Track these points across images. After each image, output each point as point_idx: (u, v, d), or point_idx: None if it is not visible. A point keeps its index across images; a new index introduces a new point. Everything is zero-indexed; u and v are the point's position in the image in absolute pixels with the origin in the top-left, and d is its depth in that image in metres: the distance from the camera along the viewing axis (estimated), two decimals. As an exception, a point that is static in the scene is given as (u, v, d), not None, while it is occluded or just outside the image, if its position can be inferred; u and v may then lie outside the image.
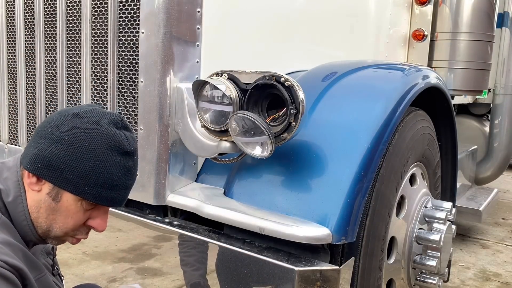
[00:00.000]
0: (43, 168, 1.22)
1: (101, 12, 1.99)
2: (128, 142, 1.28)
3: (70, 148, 1.20)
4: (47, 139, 1.22)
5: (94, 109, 1.28)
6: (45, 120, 1.29)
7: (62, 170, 1.21)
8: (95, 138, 1.22)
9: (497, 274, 3.74)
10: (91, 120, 1.23)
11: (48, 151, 1.21)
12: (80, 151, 1.21)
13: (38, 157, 1.21)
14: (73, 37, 2.12)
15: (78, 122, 1.22)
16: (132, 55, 1.92)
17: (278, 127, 1.65)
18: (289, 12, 2.44)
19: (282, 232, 1.62)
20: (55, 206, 1.26)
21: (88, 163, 1.21)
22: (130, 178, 1.31)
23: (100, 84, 2.04)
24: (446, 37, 3.45)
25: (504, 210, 5.54)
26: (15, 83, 2.41)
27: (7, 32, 2.42)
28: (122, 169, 1.27)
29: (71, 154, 1.20)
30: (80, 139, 1.21)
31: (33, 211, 1.28)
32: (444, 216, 2.24)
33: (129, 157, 1.29)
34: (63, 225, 1.28)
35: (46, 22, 2.23)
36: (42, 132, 1.24)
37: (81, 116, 1.24)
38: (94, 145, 1.22)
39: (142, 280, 2.02)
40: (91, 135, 1.22)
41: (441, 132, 2.70)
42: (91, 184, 1.23)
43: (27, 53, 2.35)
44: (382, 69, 2.33)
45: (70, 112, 1.25)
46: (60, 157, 1.20)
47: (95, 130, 1.23)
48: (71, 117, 1.23)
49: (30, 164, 1.23)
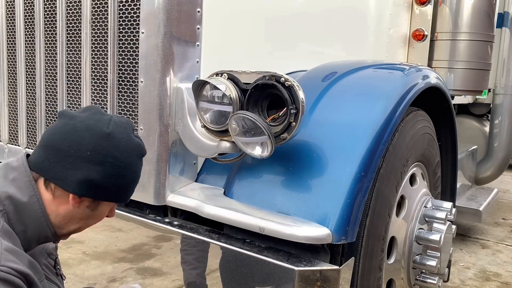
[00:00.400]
0: (91, 190, 1.32)
1: (101, 12, 1.99)
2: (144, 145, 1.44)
3: (114, 169, 1.32)
4: (90, 163, 1.29)
5: (113, 121, 1.35)
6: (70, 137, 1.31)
7: (108, 188, 1.33)
8: (130, 154, 1.36)
9: (497, 274, 3.74)
10: (123, 138, 1.35)
11: (95, 175, 1.30)
12: (122, 169, 1.34)
13: (86, 181, 1.30)
14: (73, 37, 2.12)
15: (114, 143, 1.32)
16: (132, 55, 1.92)
17: (278, 127, 1.65)
18: (289, 12, 2.45)
19: (282, 232, 1.62)
20: (91, 214, 1.38)
21: (129, 177, 1.37)
22: None
23: (100, 84, 2.04)
24: (446, 37, 3.45)
25: (504, 210, 5.54)
26: (15, 83, 2.42)
27: (7, 32, 2.42)
28: (141, 168, 1.43)
29: (116, 173, 1.32)
30: (119, 159, 1.33)
31: (64, 220, 1.36)
32: (444, 216, 2.24)
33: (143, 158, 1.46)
34: (87, 226, 1.42)
35: (46, 22, 2.23)
36: (79, 155, 1.29)
37: (113, 135, 1.33)
38: (131, 160, 1.36)
39: (142, 280, 2.02)
40: (129, 152, 1.35)
41: (441, 132, 2.70)
42: (127, 191, 1.41)
43: (27, 53, 2.35)
44: (382, 69, 2.33)
45: (102, 132, 1.31)
46: (106, 178, 1.31)
47: (128, 146, 1.35)
48: (105, 138, 1.31)
49: (79, 188, 1.31)
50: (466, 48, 3.43)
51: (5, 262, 1.16)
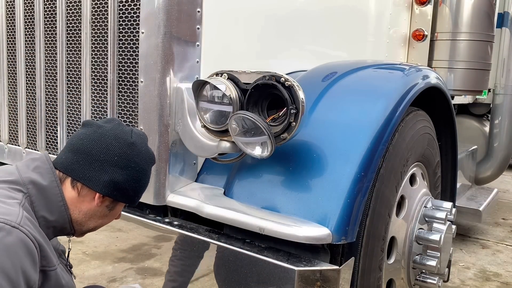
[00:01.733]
0: (114, 190, 1.49)
1: (101, 12, 1.99)
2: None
3: (134, 173, 1.51)
4: (116, 167, 1.48)
5: (134, 132, 1.55)
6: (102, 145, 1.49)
7: (128, 190, 1.51)
8: (147, 161, 1.55)
9: (497, 274, 3.74)
10: (143, 147, 1.55)
11: (119, 177, 1.48)
12: (141, 174, 1.53)
13: (111, 183, 1.47)
14: (73, 37, 2.12)
15: (136, 151, 1.51)
16: (132, 55, 1.92)
17: (278, 127, 1.65)
18: (289, 12, 2.45)
19: (282, 232, 1.62)
20: (108, 213, 1.55)
21: (143, 181, 1.56)
22: None
23: (100, 84, 2.04)
24: (446, 37, 3.46)
25: (504, 210, 5.54)
26: (15, 83, 2.42)
27: (7, 32, 2.42)
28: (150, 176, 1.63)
29: (135, 177, 1.51)
30: (140, 165, 1.52)
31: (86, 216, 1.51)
32: (444, 216, 2.24)
33: None
34: (102, 224, 1.58)
35: (46, 22, 2.23)
36: (107, 159, 1.47)
37: (135, 144, 1.52)
38: (146, 167, 1.56)
39: (142, 280, 2.02)
40: (146, 160, 1.55)
41: (441, 132, 2.70)
42: (139, 193, 1.58)
43: (27, 53, 2.35)
44: (382, 69, 2.33)
45: (127, 141, 1.51)
46: (128, 181, 1.50)
47: (146, 155, 1.55)
48: (130, 146, 1.50)
49: (105, 189, 1.48)
50: (466, 48, 3.44)
51: (24, 225, 1.28)
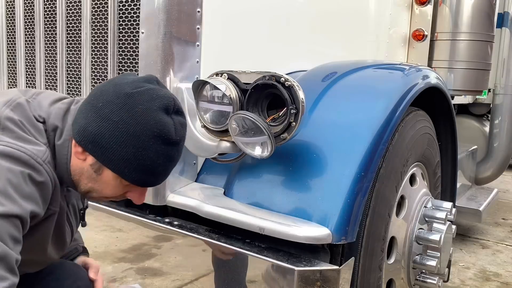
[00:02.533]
0: (88, 143, 1.24)
1: (101, 12, 1.99)
2: (176, 131, 1.28)
3: (116, 131, 1.21)
4: (96, 115, 1.23)
5: (148, 89, 1.26)
6: (100, 88, 1.29)
7: (105, 149, 1.23)
8: (142, 125, 1.22)
9: (497, 274, 3.74)
10: (142, 104, 1.22)
11: (95, 127, 1.22)
12: (124, 135, 1.22)
13: (86, 131, 1.24)
14: (73, 37, 2.12)
15: (129, 105, 1.22)
16: (132, 55, 1.92)
17: (278, 127, 1.65)
18: (289, 12, 2.44)
19: (282, 232, 1.61)
20: (96, 177, 1.30)
21: (130, 149, 1.23)
22: (172, 165, 1.35)
23: (100, 84, 2.04)
24: (446, 37, 3.45)
25: (504, 210, 5.54)
26: (15, 83, 2.41)
27: (7, 32, 2.42)
28: (164, 157, 1.28)
29: (116, 136, 1.22)
30: (127, 123, 1.21)
31: (75, 174, 1.32)
32: (444, 216, 2.24)
33: (173, 146, 1.29)
34: (101, 192, 1.34)
35: (46, 22, 2.23)
36: (93, 104, 1.25)
37: (133, 97, 1.23)
38: (140, 132, 1.22)
39: (142, 280, 2.02)
40: (139, 121, 1.22)
41: (441, 132, 2.70)
42: (131, 168, 1.26)
43: (27, 53, 2.35)
44: (382, 69, 2.33)
45: (123, 90, 1.24)
46: (105, 136, 1.22)
47: (143, 116, 1.22)
48: (123, 97, 1.23)
49: (77, 135, 1.26)
50: (466, 48, 3.43)
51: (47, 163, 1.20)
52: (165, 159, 1.30)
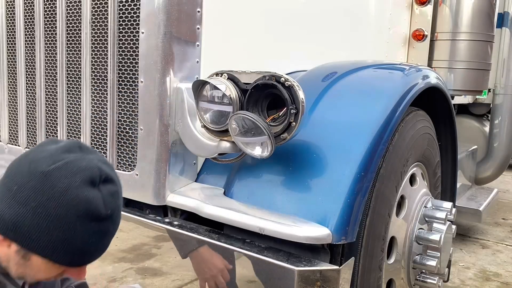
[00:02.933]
0: (8, 231, 1.11)
1: (101, 12, 1.99)
2: (105, 204, 1.15)
3: (35, 218, 1.08)
4: (13, 200, 1.10)
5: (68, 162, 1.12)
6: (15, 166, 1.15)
7: (27, 237, 1.10)
8: (64, 206, 1.08)
9: (497, 274, 3.74)
10: (62, 183, 1.08)
11: (12, 215, 1.09)
12: (46, 221, 1.08)
13: (3, 219, 1.10)
14: (73, 37, 2.12)
15: (47, 186, 1.08)
16: (132, 55, 1.92)
17: (278, 127, 1.65)
18: (289, 12, 2.44)
19: (282, 232, 1.61)
20: (25, 263, 1.16)
21: (56, 234, 1.09)
22: (108, 239, 1.22)
23: (100, 84, 2.04)
24: (446, 37, 3.45)
25: (504, 210, 5.54)
26: (15, 83, 2.41)
27: (7, 32, 2.42)
28: (97, 235, 1.16)
29: (37, 223, 1.08)
30: (46, 207, 1.08)
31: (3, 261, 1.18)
32: (444, 216, 2.24)
33: (105, 221, 1.16)
34: (35, 277, 1.21)
35: (46, 22, 2.23)
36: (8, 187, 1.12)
37: (50, 176, 1.09)
38: (63, 214, 1.09)
39: (142, 280, 2.02)
40: (60, 202, 1.08)
41: (441, 132, 2.70)
42: (61, 252, 1.12)
43: (27, 53, 2.35)
44: (382, 69, 2.33)
45: (39, 168, 1.10)
46: (25, 224, 1.09)
47: (64, 196, 1.09)
48: (39, 177, 1.09)
49: None
50: (466, 48, 3.43)
51: None
52: (98, 237, 1.17)
